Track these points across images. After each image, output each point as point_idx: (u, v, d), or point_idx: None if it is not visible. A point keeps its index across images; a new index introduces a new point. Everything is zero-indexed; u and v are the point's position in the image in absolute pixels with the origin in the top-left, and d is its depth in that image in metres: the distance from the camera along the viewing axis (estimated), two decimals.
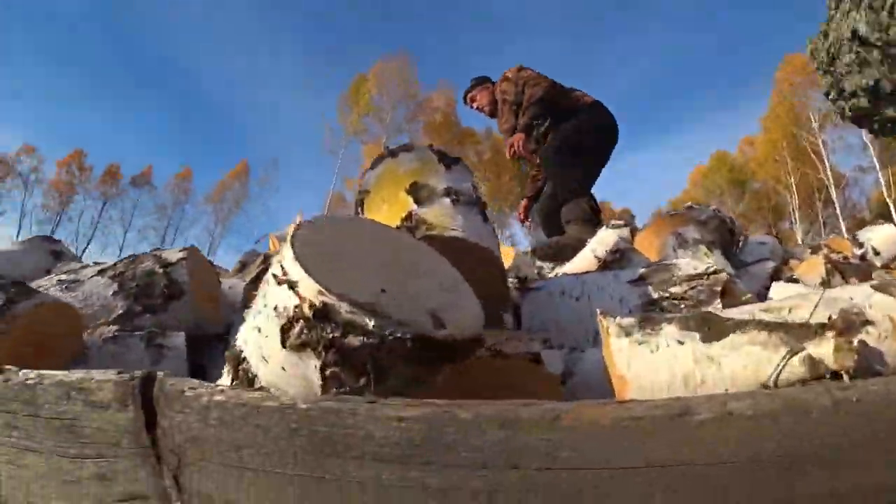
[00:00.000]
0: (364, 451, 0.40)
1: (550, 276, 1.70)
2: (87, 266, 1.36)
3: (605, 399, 0.47)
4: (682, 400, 0.42)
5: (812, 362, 0.45)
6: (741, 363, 0.51)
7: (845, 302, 0.51)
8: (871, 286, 0.52)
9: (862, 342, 0.47)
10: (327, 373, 0.43)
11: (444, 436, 0.39)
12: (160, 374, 0.50)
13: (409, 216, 0.86)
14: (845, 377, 0.45)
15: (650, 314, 0.57)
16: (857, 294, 0.52)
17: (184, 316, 1.23)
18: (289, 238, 0.49)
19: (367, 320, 0.41)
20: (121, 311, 1.18)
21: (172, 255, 1.26)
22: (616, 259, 1.39)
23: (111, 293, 1.21)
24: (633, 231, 1.66)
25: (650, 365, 0.51)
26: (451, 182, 1.00)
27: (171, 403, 0.47)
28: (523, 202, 3.50)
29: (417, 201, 0.91)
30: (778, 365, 0.48)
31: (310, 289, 0.43)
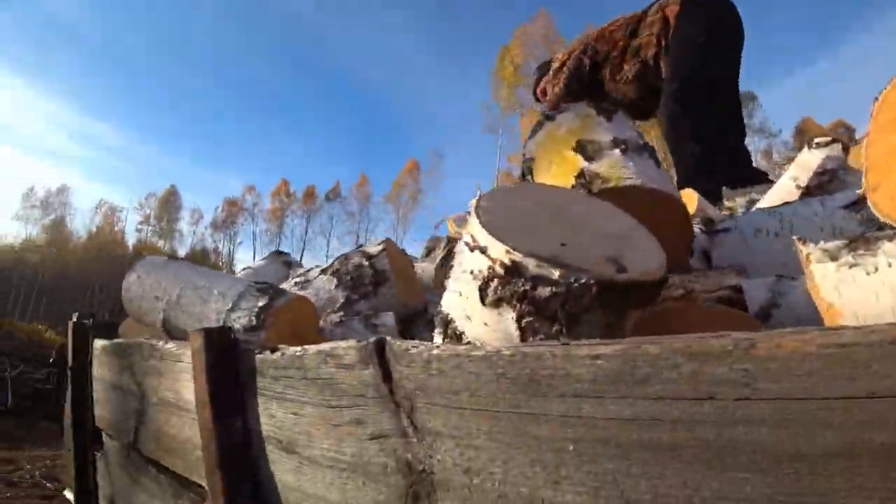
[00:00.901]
0: (564, 389, 0.45)
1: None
2: (312, 269, 1.67)
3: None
4: None
5: None
6: None
7: None
8: None
9: None
10: (523, 323, 0.50)
11: (636, 370, 0.42)
12: (388, 338, 0.62)
13: (582, 173, 0.88)
14: None
15: (863, 235, 0.50)
16: None
17: (390, 299, 1.43)
18: (473, 210, 0.56)
19: (553, 271, 0.46)
20: (342, 301, 1.43)
21: (373, 248, 1.47)
22: (825, 182, 1.19)
23: (333, 287, 1.47)
24: (847, 149, 1.37)
25: (867, 289, 0.46)
26: (616, 132, 0.98)
27: (400, 360, 0.58)
28: None
29: (587, 157, 0.92)
30: None
31: (499, 251, 0.50)
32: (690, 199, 1.64)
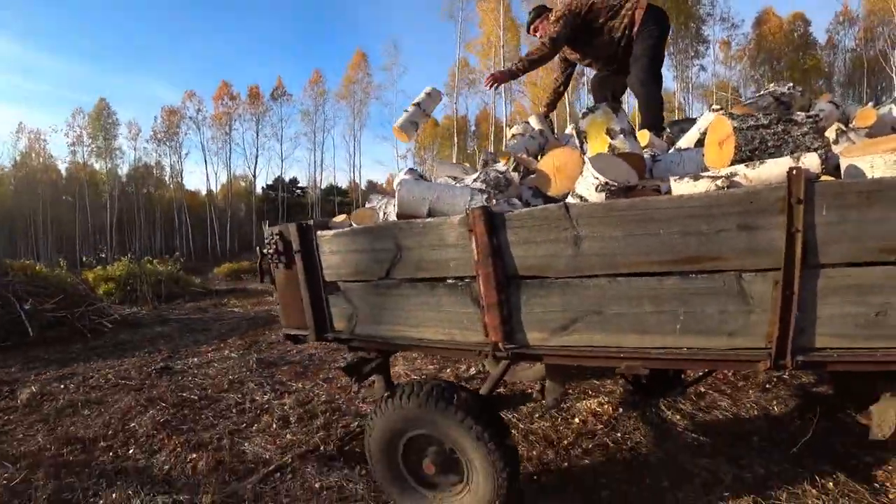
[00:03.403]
0: (636, 212, 2.29)
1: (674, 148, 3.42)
2: (464, 180, 3.44)
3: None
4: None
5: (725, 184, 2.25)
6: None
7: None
8: None
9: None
10: (607, 196, 2.36)
11: (635, 207, 2.27)
12: (567, 201, 2.44)
13: (611, 146, 2.69)
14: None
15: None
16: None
17: (513, 193, 3.25)
18: (590, 164, 2.39)
19: (615, 183, 2.30)
20: (487, 195, 3.25)
21: (501, 166, 3.25)
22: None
23: (483, 187, 3.26)
24: None
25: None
26: (621, 124, 2.78)
27: (577, 208, 2.41)
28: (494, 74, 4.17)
29: (612, 137, 2.72)
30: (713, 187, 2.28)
31: (602, 179, 2.33)
32: (645, 135, 3.47)
